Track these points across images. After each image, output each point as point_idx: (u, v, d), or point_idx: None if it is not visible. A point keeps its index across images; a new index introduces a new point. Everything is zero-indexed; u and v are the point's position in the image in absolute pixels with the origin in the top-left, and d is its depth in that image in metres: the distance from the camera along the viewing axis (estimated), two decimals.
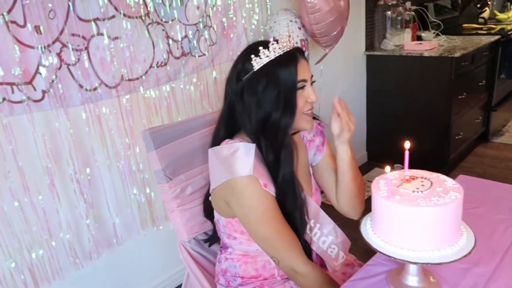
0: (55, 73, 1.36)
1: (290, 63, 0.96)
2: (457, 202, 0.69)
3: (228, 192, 0.99)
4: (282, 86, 0.95)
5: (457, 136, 2.86)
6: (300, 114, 0.99)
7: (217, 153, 1.01)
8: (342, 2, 1.89)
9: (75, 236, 1.52)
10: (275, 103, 0.95)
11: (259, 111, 0.97)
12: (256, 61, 0.96)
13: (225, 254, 1.13)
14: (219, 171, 1.00)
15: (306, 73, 0.98)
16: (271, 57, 0.96)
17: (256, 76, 0.97)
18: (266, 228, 0.97)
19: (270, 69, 0.95)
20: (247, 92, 0.98)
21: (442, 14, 3.46)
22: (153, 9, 1.59)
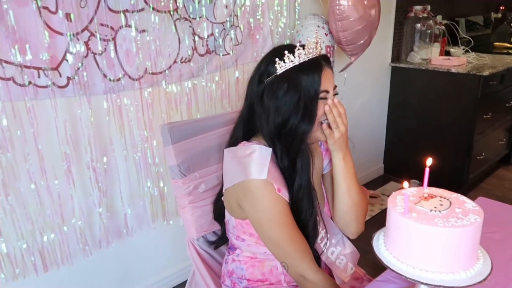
0: (81, 61, 1.38)
1: (314, 71, 0.94)
2: (476, 226, 0.67)
3: (242, 193, 0.98)
4: (303, 93, 0.94)
5: (478, 156, 2.78)
6: (317, 124, 0.97)
7: (233, 153, 1.00)
8: (373, 11, 1.86)
9: (87, 223, 1.54)
10: (295, 109, 0.94)
11: (277, 116, 0.96)
12: (279, 64, 0.95)
13: (232, 255, 1.13)
14: (234, 172, 0.99)
15: (330, 84, 0.97)
16: (296, 62, 0.95)
17: (278, 80, 0.96)
18: (278, 233, 0.96)
19: (293, 74, 0.94)
20: (267, 95, 0.97)
21: (473, 31, 3.39)
22: (182, 5, 1.60)
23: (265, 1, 1.90)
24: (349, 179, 1.04)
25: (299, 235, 0.98)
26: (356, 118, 2.72)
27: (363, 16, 1.82)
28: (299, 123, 0.95)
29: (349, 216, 1.08)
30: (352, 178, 1.05)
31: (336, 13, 1.83)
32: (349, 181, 1.04)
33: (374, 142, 3.02)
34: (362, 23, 1.82)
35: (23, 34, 1.24)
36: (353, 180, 1.05)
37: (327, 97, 0.97)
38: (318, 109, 0.96)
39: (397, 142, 3.04)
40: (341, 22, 1.84)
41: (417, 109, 2.85)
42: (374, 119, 2.95)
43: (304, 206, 0.99)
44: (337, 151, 1.01)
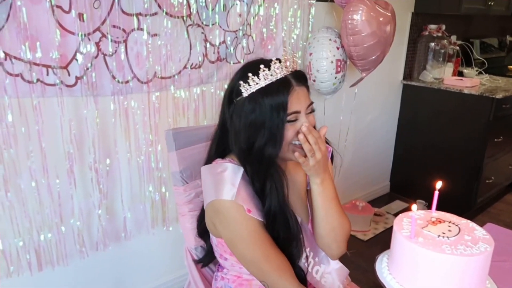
0: (91, 61, 1.38)
1: (280, 93, 0.88)
2: (486, 255, 0.63)
3: (213, 213, 0.96)
4: (268, 117, 0.89)
5: (487, 180, 2.73)
6: (287, 146, 0.93)
7: (208, 171, 0.98)
8: (388, 27, 1.84)
9: (85, 225, 1.52)
10: (260, 133, 0.90)
11: (244, 137, 0.92)
12: (245, 87, 0.91)
13: (221, 273, 1.10)
14: (207, 191, 0.97)
15: (301, 104, 0.91)
16: (261, 84, 0.89)
17: (244, 102, 0.91)
18: (253, 251, 0.93)
19: (258, 97, 0.89)
20: (235, 115, 0.94)
21: (487, 53, 3.36)
22: (196, 11, 1.60)
23: (279, 11, 1.90)
24: (327, 204, 0.98)
25: (275, 252, 0.93)
26: (364, 134, 2.68)
27: (375, 32, 1.79)
28: (265, 147, 0.91)
29: (327, 240, 1.02)
30: (331, 202, 0.99)
31: (348, 27, 1.81)
32: (327, 206, 0.98)
33: (381, 159, 2.98)
34: (374, 38, 1.80)
35: (35, 32, 1.23)
36: (332, 204, 0.99)
37: (297, 118, 0.92)
38: (286, 133, 0.91)
39: (404, 160, 2.99)
40: (352, 36, 1.82)
41: (427, 129, 2.81)
42: (383, 136, 2.92)
43: (279, 228, 0.95)
44: (314, 177, 0.96)
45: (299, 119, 0.92)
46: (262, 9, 1.82)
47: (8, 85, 1.22)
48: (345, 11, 1.82)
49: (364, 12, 1.76)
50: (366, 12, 1.76)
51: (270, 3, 1.85)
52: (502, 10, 2.93)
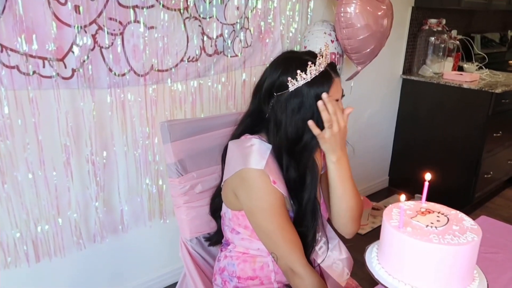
0: (87, 53, 1.38)
1: (325, 85, 0.95)
2: (473, 245, 0.64)
3: (239, 182, 0.98)
4: (316, 109, 0.94)
5: (486, 175, 2.73)
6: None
7: (236, 144, 1.02)
8: (384, 20, 1.83)
9: (82, 217, 1.53)
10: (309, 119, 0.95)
11: (290, 131, 0.96)
12: (291, 82, 0.95)
13: (225, 252, 1.11)
14: (234, 162, 1.00)
15: (338, 93, 0.98)
16: (308, 79, 0.94)
17: (290, 96, 0.95)
18: (270, 223, 0.96)
19: (305, 91, 0.95)
20: (279, 109, 0.97)
21: (488, 48, 3.34)
22: (193, 4, 1.59)
23: (277, 5, 1.89)
24: (343, 184, 1.01)
25: (291, 228, 0.97)
26: (364, 128, 2.68)
27: (369, 25, 1.78)
28: (313, 139, 0.96)
29: (344, 219, 1.06)
30: (347, 182, 1.01)
31: (341, 20, 1.81)
32: (344, 186, 1.01)
33: (380, 153, 2.98)
34: (368, 31, 1.79)
35: (31, 24, 1.24)
36: (348, 184, 1.02)
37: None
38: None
39: (403, 155, 2.99)
40: (346, 29, 1.81)
41: (426, 123, 2.80)
42: (382, 131, 2.91)
43: (308, 218, 1.00)
44: (329, 153, 0.98)
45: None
46: (260, 2, 1.82)
47: (4, 77, 1.23)
48: (339, 3, 1.82)
49: (358, 4, 1.75)
50: (359, 4, 1.75)
51: None
52: (504, 4, 2.91)
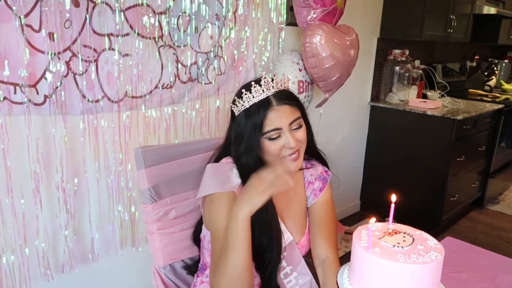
0: (60, 80, 1.38)
1: (257, 114, 0.98)
2: (437, 263, 0.67)
3: (208, 204, 1.03)
4: (246, 134, 1.00)
5: (452, 198, 2.84)
6: (278, 158, 1.01)
7: (214, 167, 1.06)
8: (349, 50, 1.93)
9: (51, 246, 1.48)
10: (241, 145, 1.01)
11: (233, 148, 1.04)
12: (236, 108, 1.03)
13: (201, 277, 1.11)
14: (208, 183, 1.03)
15: (281, 121, 0.98)
16: (246, 106, 1.00)
17: (236, 120, 1.03)
18: (217, 244, 0.97)
19: (241, 117, 1.01)
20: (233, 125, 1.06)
21: (449, 77, 3.54)
22: (168, 33, 1.63)
23: (250, 35, 1.96)
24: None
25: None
26: (334, 154, 2.73)
27: (333, 54, 1.87)
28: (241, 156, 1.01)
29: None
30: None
31: (307, 50, 1.89)
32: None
33: (351, 178, 3.05)
34: (332, 60, 1.88)
35: (3, 50, 1.23)
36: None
37: (280, 135, 0.99)
38: (270, 148, 1.00)
39: (374, 179, 3.08)
40: (311, 59, 1.90)
41: (394, 148, 2.91)
42: (352, 156, 3.00)
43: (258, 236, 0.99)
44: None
45: (281, 135, 0.99)
46: (233, 32, 1.88)
47: None
48: (304, 34, 1.91)
49: (323, 36, 1.85)
50: (324, 36, 1.85)
51: (241, 26, 1.91)
52: (461, 37, 3.12)
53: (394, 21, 2.78)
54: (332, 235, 1.13)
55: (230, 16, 1.85)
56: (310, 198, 1.16)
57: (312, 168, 1.17)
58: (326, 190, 1.15)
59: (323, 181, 1.17)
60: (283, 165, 1.00)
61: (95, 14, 1.41)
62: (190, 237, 1.19)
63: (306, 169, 1.16)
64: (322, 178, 1.17)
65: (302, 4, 1.87)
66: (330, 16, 1.90)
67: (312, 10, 1.86)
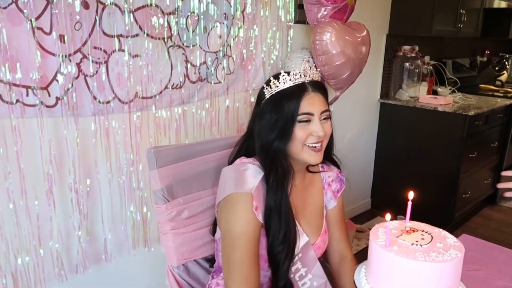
0: (71, 82, 1.38)
1: (294, 95, 0.99)
2: (457, 261, 0.66)
3: (224, 206, 1.00)
4: (281, 115, 0.99)
5: (464, 195, 2.80)
6: (301, 146, 1.00)
7: (230, 169, 1.04)
8: (360, 47, 1.91)
9: (64, 247, 1.49)
10: (272, 129, 0.99)
11: (262, 133, 1.01)
12: (267, 89, 1.03)
13: (216, 279, 1.10)
14: (225, 186, 1.02)
15: (314, 107, 0.99)
16: (280, 87, 1.01)
17: (265, 104, 1.02)
18: (233, 251, 0.95)
19: (276, 98, 1.00)
20: (259, 117, 1.04)
21: (459, 72, 3.50)
22: (176, 33, 1.63)
23: (259, 33, 1.95)
24: None
25: (253, 264, 0.95)
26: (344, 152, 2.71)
27: (344, 51, 1.85)
28: (274, 141, 0.99)
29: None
30: None
31: (317, 47, 1.88)
32: None
33: (362, 176, 3.03)
34: (343, 58, 1.86)
35: (15, 53, 1.24)
36: None
37: (310, 120, 0.99)
38: (298, 132, 0.99)
39: (385, 177, 3.05)
40: (321, 56, 1.89)
41: (405, 145, 2.89)
42: (363, 153, 2.98)
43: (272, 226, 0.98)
44: None
45: (312, 121, 0.99)
46: (241, 31, 1.87)
47: None
48: (314, 32, 1.89)
49: (332, 33, 1.83)
50: (334, 33, 1.83)
51: (250, 25, 1.90)
52: (471, 32, 3.08)
53: (403, 17, 2.76)
54: (347, 233, 1.14)
55: (239, 15, 1.85)
56: (331, 200, 1.17)
57: (330, 171, 1.19)
58: (341, 194, 1.17)
59: (340, 183, 1.20)
60: (304, 156, 1.01)
61: (105, 16, 1.42)
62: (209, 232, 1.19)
63: (324, 172, 1.17)
64: (339, 179, 1.20)
65: (312, 2, 1.86)
66: (341, 13, 1.88)
67: (322, 8, 1.84)
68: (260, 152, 1.02)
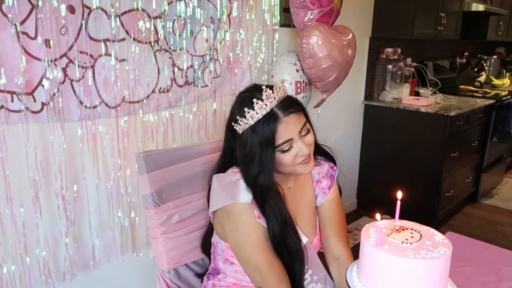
0: (57, 87, 1.37)
1: (266, 129, 0.95)
2: (446, 258, 0.68)
3: (225, 217, 1.01)
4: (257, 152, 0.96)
5: (447, 193, 2.87)
6: (292, 166, 1.01)
7: (222, 179, 1.04)
8: (346, 50, 1.95)
9: (51, 254, 1.47)
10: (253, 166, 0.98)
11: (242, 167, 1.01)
12: (238, 127, 1.00)
13: (213, 280, 1.11)
14: (220, 196, 1.02)
15: (291, 132, 0.97)
16: (250, 123, 0.97)
17: (240, 138, 1.00)
18: (258, 256, 0.97)
19: (248, 135, 0.98)
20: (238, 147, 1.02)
21: (440, 74, 3.58)
22: (163, 37, 1.63)
23: (245, 37, 1.96)
24: None
25: (277, 261, 0.99)
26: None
27: (330, 54, 1.88)
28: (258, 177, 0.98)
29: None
30: None
31: (304, 51, 1.90)
32: None
33: (347, 177, 3.05)
34: (329, 61, 1.89)
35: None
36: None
37: (292, 145, 0.98)
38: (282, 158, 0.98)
39: (369, 177, 3.10)
40: (308, 59, 1.91)
41: (389, 146, 2.94)
42: (348, 155, 3.02)
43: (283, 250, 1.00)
44: None
45: (293, 145, 0.98)
46: (228, 34, 1.88)
47: None
48: (301, 35, 1.92)
49: (319, 36, 1.86)
50: (320, 36, 1.86)
51: (236, 28, 1.91)
52: (451, 34, 3.16)
53: (385, 20, 2.81)
54: (344, 232, 1.16)
55: (225, 18, 1.86)
56: (319, 197, 1.18)
57: (318, 166, 1.18)
58: (334, 187, 1.17)
59: (331, 179, 1.19)
60: (297, 171, 1.01)
61: (91, 20, 1.41)
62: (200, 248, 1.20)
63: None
64: (329, 175, 1.19)
65: (299, 5, 1.88)
66: (327, 16, 1.91)
67: (309, 11, 1.87)
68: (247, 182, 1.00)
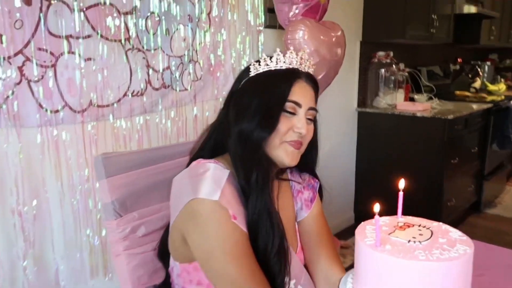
0: (12, 88, 1.22)
1: (287, 78, 0.84)
2: (467, 258, 0.52)
3: (187, 218, 0.79)
4: (267, 98, 0.83)
5: (449, 202, 2.71)
6: (279, 140, 0.84)
7: (184, 174, 0.84)
8: (334, 47, 1.82)
9: (7, 280, 1.28)
10: (254, 113, 0.82)
11: (237, 121, 0.83)
12: (254, 67, 0.87)
13: None
14: (181, 194, 0.82)
15: (304, 99, 0.85)
16: (271, 67, 0.86)
17: (247, 84, 0.87)
18: (236, 267, 0.76)
19: (264, 78, 0.86)
20: (237, 98, 0.87)
21: (434, 80, 3.48)
22: (135, 35, 1.50)
23: (227, 38, 1.84)
24: None
25: (259, 269, 0.79)
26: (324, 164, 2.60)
27: (318, 51, 1.75)
28: (255, 129, 0.81)
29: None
30: None
31: (289, 47, 1.78)
32: None
33: (343, 189, 2.90)
34: (317, 57, 1.75)
35: None
36: None
37: (295, 112, 0.84)
38: (281, 121, 0.83)
39: (367, 189, 2.93)
40: None
41: (386, 154, 2.79)
42: (343, 166, 2.86)
43: (263, 233, 0.80)
44: None
45: (297, 114, 0.84)
46: (208, 34, 1.76)
47: None
48: (286, 31, 1.80)
49: (305, 30, 1.74)
50: (306, 30, 1.74)
51: (217, 29, 1.79)
52: (444, 37, 3.07)
53: (376, 23, 2.71)
54: (335, 249, 0.98)
55: (204, 17, 1.74)
56: (302, 210, 1.01)
57: (299, 176, 1.02)
58: (317, 200, 1.01)
59: (313, 190, 1.02)
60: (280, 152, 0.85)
61: (51, 14, 1.27)
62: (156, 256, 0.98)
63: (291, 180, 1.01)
64: (311, 186, 1.02)
65: (283, 0, 1.77)
66: (313, 12, 1.80)
67: (294, 6, 1.76)
68: (236, 144, 0.83)
